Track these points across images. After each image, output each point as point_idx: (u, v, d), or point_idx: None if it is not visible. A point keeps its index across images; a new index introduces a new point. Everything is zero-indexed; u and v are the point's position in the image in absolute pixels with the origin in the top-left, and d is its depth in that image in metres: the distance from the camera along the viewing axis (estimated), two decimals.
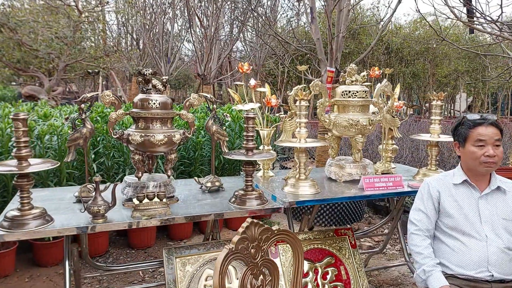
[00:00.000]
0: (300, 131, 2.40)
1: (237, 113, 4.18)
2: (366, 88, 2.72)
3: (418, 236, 1.96)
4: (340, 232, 2.75)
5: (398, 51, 13.25)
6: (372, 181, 2.52)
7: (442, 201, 1.96)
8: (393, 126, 2.95)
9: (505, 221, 1.88)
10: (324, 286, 2.55)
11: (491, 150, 1.85)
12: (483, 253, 1.83)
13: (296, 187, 2.43)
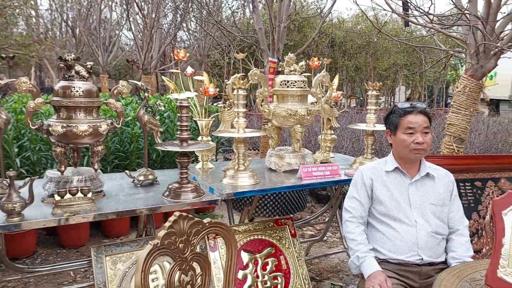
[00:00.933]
0: (238, 121, 2.33)
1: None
2: (305, 78, 2.71)
3: (352, 223, 1.97)
4: (280, 222, 2.74)
5: (341, 44, 13.59)
6: (310, 170, 2.52)
7: (374, 189, 1.99)
8: (331, 116, 2.98)
9: (434, 206, 1.94)
10: (264, 277, 2.52)
11: (420, 137, 1.89)
12: (413, 238, 1.88)
13: (235, 178, 2.37)
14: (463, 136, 3.25)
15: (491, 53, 3.03)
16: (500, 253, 1.32)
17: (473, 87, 3.14)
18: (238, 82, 2.29)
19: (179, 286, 1.40)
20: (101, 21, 9.87)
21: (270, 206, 4.34)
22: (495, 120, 11.51)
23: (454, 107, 3.25)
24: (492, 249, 1.34)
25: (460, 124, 3.23)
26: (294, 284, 2.58)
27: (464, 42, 3.19)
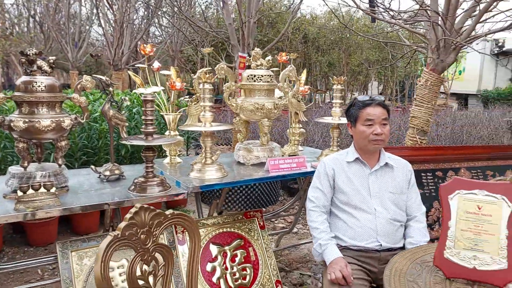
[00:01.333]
0: (205, 115, 2.36)
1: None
2: (271, 72, 2.75)
3: (315, 212, 2.03)
4: (249, 215, 2.78)
5: (314, 40, 13.74)
6: (277, 163, 2.57)
7: (336, 179, 2.05)
8: (298, 110, 3.03)
9: (392, 194, 2.02)
10: (233, 268, 2.56)
11: (379, 129, 1.96)
12: (372, 225, 1.95)
13: (202, 171, 2.40)
14: (425, 129, 3.37)
15: (451, 48, 3.15)
16: (446, 235, 1.40)
17: (434, 81, 3.26)
18: (204, 76, 2.31)
19: (141, 276, 1.42)
20: (70, 16, 9.65)
21: (242, 200, 4.38)
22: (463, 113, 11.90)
23: (417, 100, 3.36)
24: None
25: (422, 116, 3.34)
26: (263, 275, 2.63)
27: (426, 38, 3.31)
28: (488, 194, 1.38)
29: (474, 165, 3.27)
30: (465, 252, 1.36)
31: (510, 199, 1.36)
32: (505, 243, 1.33)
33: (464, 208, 1.40)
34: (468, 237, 1.37)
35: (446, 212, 1.41)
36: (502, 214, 1.35)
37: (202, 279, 2.45)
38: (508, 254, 1.32)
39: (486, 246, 1.35)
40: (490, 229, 1.36)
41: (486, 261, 1.34)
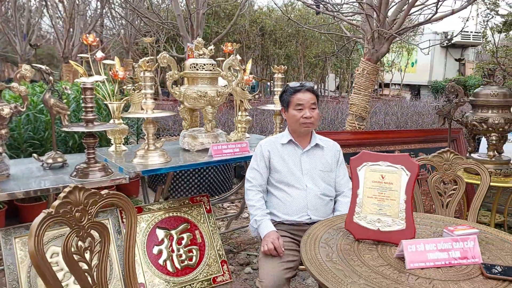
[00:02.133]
0: (146, 102, 2.44)
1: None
2: (214, 61, 2.85)
3: (252, 191, 2.17)
4: (195, 200, 2.89)
5: (271, 33, 13.92)
6: (220, 148, 2.69)
7: (272, 159, 2.20)
8: (243, 98, 3.16)
9: (322, 172, 2.19)
10: (179, 250, 2.67)
11: (308, 113, 2.12)
12: (303, 200, 2.12)
13: (145, 158, 2.48)
14: (363, 115, 3.59)
15: (384, 39, 3.38)
16: (356, 202, 1.57)
17: (371, 70, 3.48)
18: (145, 64, 2.39)
19: (77, 252, 1.50)
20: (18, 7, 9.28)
21: (196, 188, 4.47)
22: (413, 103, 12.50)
23: (355, 88, 3.58)
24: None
25: (360, 103, 3.56)
26: (209, 256, 2.76)
27: (362, 29, 3.52)
28: (390, 164, 1.56)
29: (408, 148, 3.54)
30: (371, 216, 1.54)
31: (407, 168, 1.54)
32: (403, 207, 1.51)
33: (370, 177, 1.57)
34: (373, 203, 1.55)
35: (355, 182, 1.58)
36: (401, 182, 1.54)
37: (148, 262, 2.54)
38: (406, 216, 1.51)
39: (388, 210, 1.53)
40: (391, 195, 1.54)
41: (388, 223, 1.52)
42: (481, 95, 2.99)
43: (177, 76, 2.77)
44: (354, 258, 1.40)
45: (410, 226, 1.51)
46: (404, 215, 1.51)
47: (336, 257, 1.40)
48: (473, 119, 2.98)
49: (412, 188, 1.53)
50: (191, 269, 2.67)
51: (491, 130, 2.93)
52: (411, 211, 1.51)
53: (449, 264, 1.35)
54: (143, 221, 2.64)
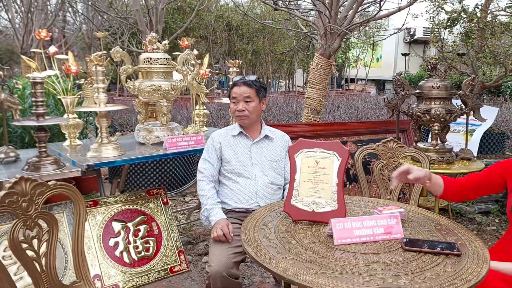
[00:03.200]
0: (98, 96, 2.46)
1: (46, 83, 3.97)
2: (168, 55, 2.90)
3: (203, 181, 2.25)
4: (152, 192, 2.93)
5: (238, 28, 13.96)
6: (175, 141, 2.75)
7: (223, 151, 2.28)
8: (199, 92, 3.23)
9: (271, 162, 2.29)
10: (136, 242, 2.71)
11: (240, 106, 2.19)
12: (253, 189, 2.21)
13: (98, 151, 2.51)
14: (318, 108, 3.73)
15: (336, 35, 3.52)
16: (293, 186, 1.68)
17: (324, 65, 3.61)
18: (96, 59, 2.42)
19: (24, 240, 1.54)
20: None
21: (156, 181, 4.48)
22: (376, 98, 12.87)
23: (310, 82, 3.71)
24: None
25: (315, 97, 3.70)
26: (166, 246, 2.82)
27: (316, 25, 3.65)
28: (323, 151, 1.68)
29: (359, 139, 3.71)
30: (306, 199, 1.65)
31: (339, 154, 1.67)
32: (335, 189, 1.64)
33: (306, 163, 1.68)
34: (309, 187, 1.66)
35: (293, 168, 1.69)
36: (334, 166, 1.66)
37: (104, 254, 2.58)
38: (338, 197, 1.63)
39: (322, 193, 1.65)
40: (325, 179, 1.66)
41: (322, 205, 1.64)
42: (424, 88, 3.17)
43: (131, 70, 2.80)
44: (289, 237, 1.50)
45: (341, 206, 1.63)
46: (336, 196, 1.63)
47: (273, 237, 1.50)
48: (417, 110, 3.16)
49: (343, 171, 1.66)
50: (148, 259, 2.72)
51: (434, 121, 3.12)
52: (342, 193, 1.64)
53: (373, 239, 1.48)
54: (99, 214, 2.67)
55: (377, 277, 1.22)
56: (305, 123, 3.67)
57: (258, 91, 2.22)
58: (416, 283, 1.20)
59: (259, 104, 2.27)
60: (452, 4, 3.51)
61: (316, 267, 1.28)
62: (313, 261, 1.32)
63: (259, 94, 2.23)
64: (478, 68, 4.27)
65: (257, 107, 2.23)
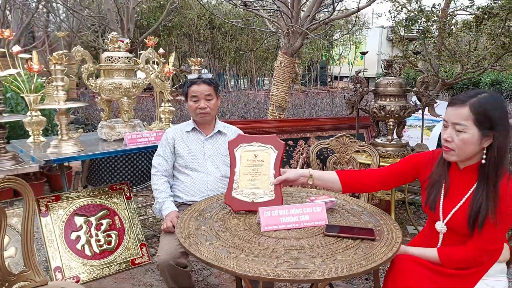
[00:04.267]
0: (58, 94, 2.54)
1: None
2: (129, 54, 2.98)
3: (156, 176, 2.34)
4: (115, 187, 3.02)
5: (221, 26, 14.02)
6: (135, 137, 2.83)
7: (176, 146, 2.37)
8: (163, 89, 3.31)
9: (224, 156, 2.39)
10: (97, 235, 2.80)
11: (202, 103, 2.30)
12: (204, 182, 2.31)
13: (58, 147, 2.58)
14: (283, 105, 3.84)
15: (298, 34, 3.63)
16: (233, 179, 1.78)
17: (287, 63, 3.72)
18: (55, 58, 2.49)
19: None
20: None
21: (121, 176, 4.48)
22: None
23: (275, 80, 3.81)
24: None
25: (280, 94, 3.81)
26: (128, 239, 2.91)
27: (279, 24, 3.76)
28: (261, 145, 1.79)
29: (322, 135, 3.83)
30: (246, 190, 1.75)
31: (275, 147, 1.77)
32: (273, 180, 1.75)
33: (245, 157, 1.78)
34: (248, 179, 1.76)
35: (233, 162, 1.79)
36: (270, 159, 1.77)
37: (65, 247, 2.66)
38: (274, 188, 1.74)
39: (260, 184, 1.75)
40: (263, 171, 1.76)
41: (260, 195, 1.74)
42: (380, 85, 3.30)
43: (92, 69, 2.88)
44: (221, 226, 1.61)
45: (278, 196, 1.74)
46: (273, 187, 1.74)
47: (206, 226, 1.60)
48: (374, 106, 3.29)
49: (279, 163, 1.77)
50: (110, 252, 2.81)
51: (389, 117, 3.24)
52: (279, 183, 1.75)
53: (299, 226, 1.59)
54: (61, 208, 2.75)
55: (291, 260, 1.33)
56: (271, 120, 3.78)
57: (215, 89, 2.32)
58: (325, 264, 1.31)
59: (217, 101, 2.37)
60: (409, 4, 3.64)
61: (237, 252, 1.38)
62: (237, 246, 1.43)
63: (216, 91, 2.33)
64: (440, 66, 4.42)
65: (216, 104, 2.33)
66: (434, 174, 1.68)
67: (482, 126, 1.46)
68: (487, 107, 1.46)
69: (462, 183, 1.59)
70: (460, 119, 1.49)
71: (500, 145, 1.47)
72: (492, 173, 1.49)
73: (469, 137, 1.48)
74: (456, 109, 1.51)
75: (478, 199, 1.50)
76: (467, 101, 1.49)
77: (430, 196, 1.66)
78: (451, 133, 1.53)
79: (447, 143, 1.54)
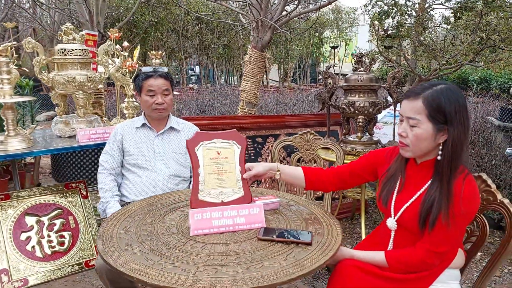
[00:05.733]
0: (3, 88, 2.41)
1: None
2: (85, 46, 2.85)
3: (103, 174, 2.23)
4: (71, 186, 2.89)
5: (208, 22, 13.85)
6: (88, 133, 2.71)
7: (124, 143, 2.25)
8: (124, 84, 3.19)
9: (175, 154, 2.27)
10: (49, 236, 2.67)
11: (160, 99, 2.18)
12: (152, 182, 2.20)
13: (4, 143, 2.46)
14: (253, 101, 3.73)
15: (267, 28, 3.51)
16: (198, 181, 1.63)
17: (257, 57, 3.61)
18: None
19: None
20: None
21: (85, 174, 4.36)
22: None
23: (245, 75, 3.70)
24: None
25: (250, 90, 3.69)
26: (83, 240, 2.77)
27: (248, 18, 3.64)
28: (223, 141, 1.67)
29: (294, 132, 3.72)
30: (214, 191, 1.62)
31: (238, 142, 1.67)
32: (239, 177, 1.63)
33: (207, 155, 1.66)
34: (214, 178, 1.63)
35: (195, 162, 1.65)
36: (235, 155, 1.65)
37: (14, 248, 2.53)
38: (243, 184, 1.63)
39: (228, 182, 1.63)
40: (228, 168, 1.64)
41: (229, 194, 1.61)
42: (350, 80, 3.20)
43: (44, 62, 2.74)
44: (148, 229, 1.49)
45: (247, 192, 1.63)
46: (241, 184, 1.63)
47: (132, 230, 1.49)
48: (343, 102, 3.19)
49: (243, 159, 1.66)
50: (62, 253, 2.68)
51: (358, 113, 3.15)
52: (246, 179, 1.64)
53: (233, 229, 1.48)
54: (11, 207, 2.62)
55: (212, 267, 1.22)
56: (240, 116, 3.67)
57: (172, 84, 2.21)
58: (248, 272, 1.20)
59: (173, 96, 2.26)
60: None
61: (156, 258, 1.27)
62: (158, 252, 1.31)
63: (172, 86, 2.22)
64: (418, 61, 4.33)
65: (172, 100, 2.23)
66: (391, 169, 1.58)
67: (436, 121, 1.36)
68: (441, 100, 1.36)
69: (417, 178, 1.49)
70: (414, 113, 1.39)
71: (456, 141, 1.37)
72: (447, 171, 1.38)
73: (422, 132, 1.38)
74: (410, 103, 1.42)
75: (431, 197, 1.40)
76: (421, 94, 1.39)
77: (383, 191, 1.56)
78: (405, 128, 1.43)
79: (402, 138, 1.45)
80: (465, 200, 1.34)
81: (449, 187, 1.36)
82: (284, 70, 17.41)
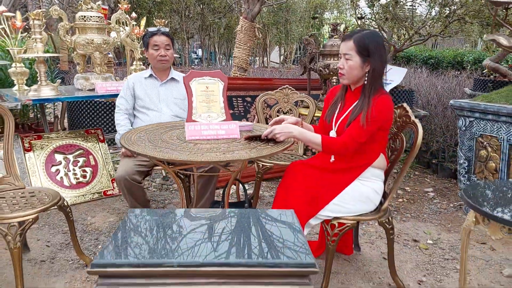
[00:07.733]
0: (36, 45, 2.97)
1: None
2: (101, 14, 3.41)
3: (119, 113, 2.80)
4: (90, 132, 3.48)
5: (210, 2, 14.28)
6: (105, 85, 3.28)
7: (136, 89, 2.82)
8: (133, 48, 3.74)
9: (175, 99, 2.84)
10: (74, 170, 3.28)
11: (163, 52, 2.73)
12: (158, 120, 2.76)
13: (38, 91, 3.03)
14: (244, 66, 4.28)
15: (256, 0, 4.04)
16: (192, 105, 2.20)
17: (248, 27, 4.14)
18: (33, 14, 2.92)
19: None
20: None
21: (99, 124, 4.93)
22: None
23: (237, 43, 4.24)
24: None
25: (241, 56, 4.24)
26: (102, 175, 3.39)
27: None
28: (211, 78, 2.24)
29: None
30: (203, 114, 2.19)
31: (221, 79, 2.23)
32: (222, 105, 2.21)
33: (199, 88, 2.22)
34: (204, 105, 2.20)
35: (190, 93, 2.21)
36: (219, 89, 2.23)
37: (46, 177, 3.14)
38: (225, 110, 2.20)
39: (213, 108, 2.20)
40: (214, 99, 2.22)
41: (214, 117, 2.19)
42: (327, 46, 3.74)
43: (68, 26, 3.30)
44: (156, 137, 2.08)
45: (228, 116, 2.21)
46: (224, 110, 2.21)
47: (144, 137, 2.07)
48: (320, 65, 3.73)
49: (225, 92, 2.23)
50: (85, 184, 3.29)
51: (332, 74, 3.70)
52: (227, 107, 2.21)
53: (216, 138, 2.06)
54: (43, 146, 3.22)
55: (200, 153, 1.81)
56: (237, 77, 4.22)
57: (172, 41, 2.77)
58: (224, 155, 1.78)
59: (173, 51, 2.82)
60: None
61: (162, 148, 1.86)
62: (163, 146, 1.90)
63: (173, 43, 2.78)
64: (394, 33, 4.85)
65: (173, 54, 2.78)
66: (335, 97, 2.15)
67: (362, 55, 1.93)
68: (366, 40, 1.92)
69: (351, 100, 2.06)
70: (348, 50, 1.95)
71: (376, 69, 1.94)
72: (368, 90, 1.95)
73: (353, 63, 1.94)
74: (345, 43, 1.97)
75: (356, 108, 1.97)
76: (352, 36, 1.95)
77: (328, 112, 2.13)
78: (342, 62, 1.99)
79: (340, 70, 2.00)
80: (377, 107, 1.91)
81: (368, 101, 1.94)
82: (285, 51, 17.82)
